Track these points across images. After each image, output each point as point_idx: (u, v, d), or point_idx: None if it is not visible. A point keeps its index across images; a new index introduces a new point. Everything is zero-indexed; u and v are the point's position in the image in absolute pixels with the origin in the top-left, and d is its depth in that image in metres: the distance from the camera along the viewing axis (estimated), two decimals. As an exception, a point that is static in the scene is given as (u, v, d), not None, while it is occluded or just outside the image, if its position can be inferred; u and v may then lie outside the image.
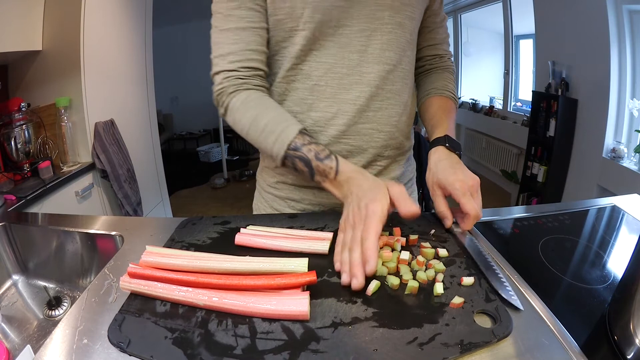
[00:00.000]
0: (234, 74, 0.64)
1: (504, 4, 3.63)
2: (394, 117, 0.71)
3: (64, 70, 1.57)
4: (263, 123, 0.61)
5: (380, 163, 0.74)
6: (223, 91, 0.65)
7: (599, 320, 0.45)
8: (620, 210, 0.76)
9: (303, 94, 0.68)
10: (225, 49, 0.64)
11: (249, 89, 0.65)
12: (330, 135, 0.69)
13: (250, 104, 0.63)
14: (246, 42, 0.64)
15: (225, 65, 0.64)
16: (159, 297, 0.46)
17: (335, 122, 0.68)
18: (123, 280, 0.47)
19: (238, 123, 0.65)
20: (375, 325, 0.42)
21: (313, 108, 0.68)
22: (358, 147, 0.70)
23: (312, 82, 0.67)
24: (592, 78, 2.44)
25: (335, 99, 0.67)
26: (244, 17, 0.63)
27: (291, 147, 0.59)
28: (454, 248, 0.57)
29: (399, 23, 0.66)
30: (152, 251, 0.50)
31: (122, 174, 1.76)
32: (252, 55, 0.64)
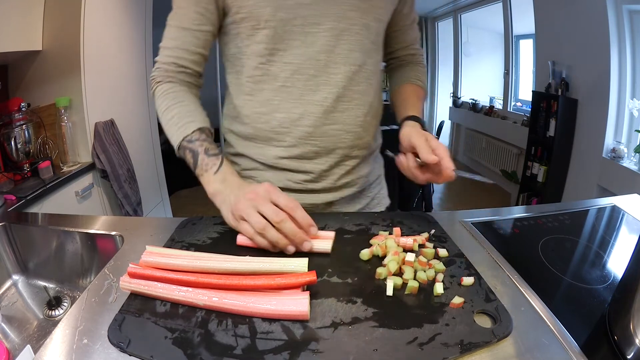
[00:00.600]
0: (164, 66, 0.69)
1: (504, 4, 3.63)
2: (359, 117, 0.71)
3: (64, 70, 1.57)
4: (172, 114, 0.66)
5: (348, 163, 0.74)
6: (154, 78, 0.70)
7: (599, 320, 0.45)
8: (620, 210, 0.76)
9: (269, 94, 0.68)
10: (165, 43, 0.69)
11: (173, 82, 0.69)
12: (296, 136, 0.69)
13: (168, 95, 0.67)
14: (181, 41, 0.67)
15: (161, 57, 0.69)
16: (159, 297, 0.46)
17: (301, 124, 0.68)
18: (123, 280, 0.47)
19: (157, 110, 0.69)
20: (375, 325, 0.42)
21: (279, 109, 0.69)
22: (325, 148, 0.71)
23: (279, 83, 0.67)
24: (592, 78, 2.44)
25: (302, 100, 0.67)
26: (187, 18, 0.66)
27: (186, 139, 0.63)
28: (454, 248, 0.57)
29: (366, 25, 0.67)
30: (152, 251, 0.50)
31: (122, 174, 1.76)
32: (183, 54, 0.68)
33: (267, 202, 0.55)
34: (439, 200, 3.66)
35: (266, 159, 0.73)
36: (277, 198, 0.55)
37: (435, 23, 5.31)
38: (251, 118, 0.71)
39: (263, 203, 0.55)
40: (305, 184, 0.73)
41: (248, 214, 0.55)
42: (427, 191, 2.59)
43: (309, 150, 0.70)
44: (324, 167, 0.72)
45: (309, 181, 0.73)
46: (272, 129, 0.70)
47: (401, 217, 0.67)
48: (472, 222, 0.68)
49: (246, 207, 0.55)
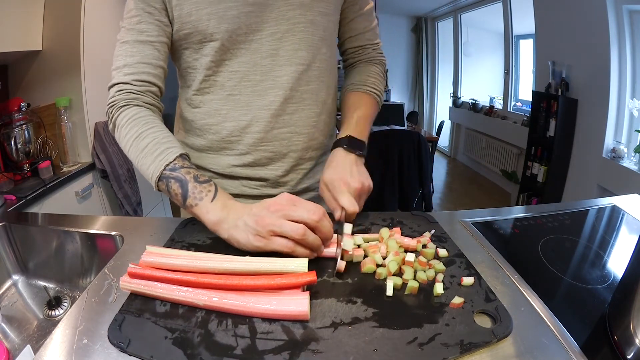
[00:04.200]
0: (127, 87, 0.63)
1: (504, 4, 3.64)
2: (312, 117, 0.70)
3: (64, 70, 1.57)
4: (145, 142, 0.59)
5: (303, 166, 0.73)
6: (114, 104, 0.63)
7: (599, 320, 0.45)
8: (620, 210, 0.76)
9: (217, 104, 0.67)
10: (121, 61, 0.63)
11: (138, 106, 0.63)
12: (247, 143, 0.68)
13: (137, 121, 0.61)
14: (142, 55, 0.63)
15: (119, 78, 0.63)
16: (159, 297, 0.46)
17: (250, 130, 0.68)
18: (123, 280, 0.47)
19: (122, 139, 0.62)
20: (375, 325, 0.42)
21: (227, 118, 0.68)
22: (278, 152, 0.70)
23: (226, 92, 0.66)
24: (592, 78, 2.44)
25: (250, 106, 0.67)
26: (143, 31, 0.62)
27: (168, 167, 0.57)
28: (453, 248, 0.57)
29: (311, 21, 0.65)
30: (152, 251, 0.50)
31: (122, 174, 1.76)
32: (146, 68, 0.63)
33: (296, 207, 0.52)
34: (439, 200, 3.66)
35: (220, 169, 0.72)
36: (301, 202, 0.53)
37: (435, 23, 5.32)
38: (203, 130, 0.70)
39: (293, 209, 0.51)
40: (262, 189, 0.73)
41: (281, 225, 0.50)
42: (427, 191, 2.59)
43: (262, 157, 0.70)
44: (279, 172, 0.71)
45: (267, 187, 0.72)
46: (222, 138, 0.69)
47: (401, 217, 0.67)
48: (472, 222, 0.68)
49: (275, 219, 0.51)
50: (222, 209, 0.56)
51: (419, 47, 5.51)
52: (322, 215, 0.51)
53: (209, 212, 0.56)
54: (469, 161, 4.66)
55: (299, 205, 0.52)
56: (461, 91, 4.78)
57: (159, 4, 0.62)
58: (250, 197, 0.72)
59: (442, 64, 5.35)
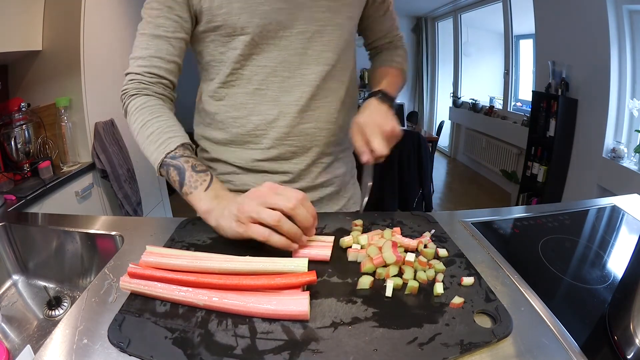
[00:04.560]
0: (139, 77, 0.65)
1: (504, 4, 3.63)
2: (333, 114, 0.72)
3: (64, 70, 1.57)
4: (150, 130, 0.62)
5: (323, 160, 0.75)
6: (126, 92, 0.66)
7: (599, 320, 0.45)
8: (620, 210, 0.76)
9: (243, 98, 0.68)
10: (137, 53, 0.65)
11: (148, 95, 0.65)
12: (273, 137, 0.70)
13: (144, 110, 0.63)
14: (156, 49, 0.64)
15: (133, 68, 0.66)
16: (159, 297, 0.46)
17: (277, 125, 0.69)
18: (123, 280, 0.47)
19: (131, 125, 0.65)
20: (375, 325, 0.42)
21: (254, 112, 0.69)
22: (302, 147, 0.71)
23: (253, 86, 0.67)
24: (592, 78, 2.44)
25: (277, 102, 0.68)
26: (160, 26, 0.64)
27: (169, 155, 0.59)
28: (453, 248, 0.57)
29: (339, 24, 0.68)
30: (152, 251, 0.50)
31: (122, 174, 1.76)
32: (158, 62, 0.65)
33: (275, 194, 0.53)
34: (439, 200, 3.66)
35: (243, 163, 0.73)
36: (283, 190, 0.54)
37: (435, 23, 5.32)
38: (226, 123, 0.71)
39: (271, 196, 0.53)
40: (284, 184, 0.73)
41: (258, 212, 0.51)
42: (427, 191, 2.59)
43: (286, 151, 0.71)
44: (302, 166, 0.73)
45: (287, 182, 0.73)
46: (248, 132, 0.70)
47: (401, 217, 0.67)
48: (472, 222, 0.68)
49: (254, 205, 0.52)
50: (213, 198, 0.58)
51: (419, 47, 5.51)
52: (299, 202, 0.52)
53: (201, 201, 0.58)
54: (469, 161, 4.66)
55: (278, 192, 0.53)
56: (461, 91, 4.78)
57: None
58: None
59: (442, 64, 5.35)
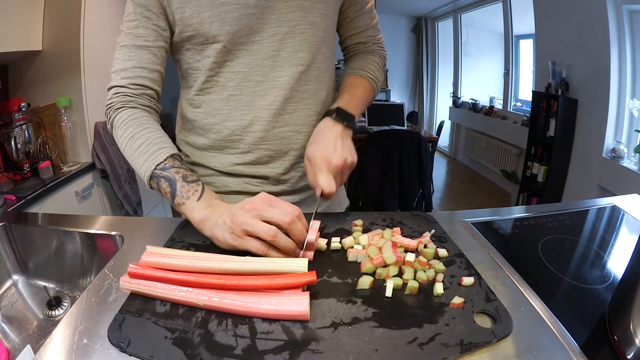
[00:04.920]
0: (123, 90, 0.65)
1: (504, 4, 3.63)
2: (311, 116, 0.71)
3: (64, 70, 1.57)
4: (138, 142, 0.61)
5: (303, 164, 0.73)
6: (111, 106, 0.66)
7: (599, 320, 0.45)
8: (620, 210, 0.76)
9: (219, 104, 0.69)
10: (119, 65, 0.65)
11: (134, 107, 0.65)
12: (248, 142, 0.70)
13: (131, 122, 0.63)
14: (138, 59, 0.64)
15: (117, 81, 0.65)
16: (159, 297, 0.46)
17: (251, 129, 0.69)
18: (123, 280, 0.47)
19: (119, 139, 0.64)
20: (375, 325, 0.42)
21: (229, 118, 0.69)
22: (279, 150, 0.71)
23: (228, 92, 0.67)
24: (592, 78, 2.44)
25: (251, 106, 0.68)
26: (140, 36, 0.64)
27: (159, 167, 0.59)
28: (453, 248, 0.57)
29: (311, 22, 0.66)
30: (152, 251, 0.50)
31: (122, 174, 1.76)
32: (142, 72, 0.65)
33: (270, 207, 0.52)
34: (439, 200, 3.66)
35: (222, 167, 0.73)
36: (278, 203, 0.53)
37: (435, 23, 5.32)
38: (204, 129, 0.72)
39: (266, 209, 0.52)
40: (263, 187, 0.74)
41: (253, 225, 0.51)
42: (427, 191, 2.59)
43: (263, 155, 0.71)
44: (280, 170, 0.72)
45: (266, 184, 0.74)
46: (224, 137, 0.70)
47: (401, 217, 0.67)
48: (472, 222, 0.68)
49: (248, 218, 0.51)
50: (206, 207, 0.57)
51: (419, 47, 5.51)
52: (296, 217, 0.52)
53: (194, 211, 0.57)
54: (469, 161, 4.66)
55: (274, 205, 0.53)
56: (461, 91, 4.77)
57: (157, 8, 0.63)
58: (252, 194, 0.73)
59: (442, 64, 5.35)
